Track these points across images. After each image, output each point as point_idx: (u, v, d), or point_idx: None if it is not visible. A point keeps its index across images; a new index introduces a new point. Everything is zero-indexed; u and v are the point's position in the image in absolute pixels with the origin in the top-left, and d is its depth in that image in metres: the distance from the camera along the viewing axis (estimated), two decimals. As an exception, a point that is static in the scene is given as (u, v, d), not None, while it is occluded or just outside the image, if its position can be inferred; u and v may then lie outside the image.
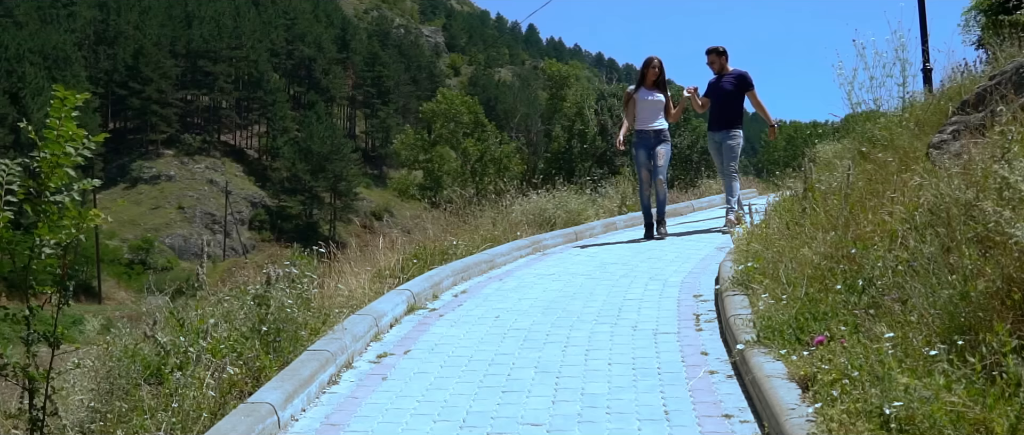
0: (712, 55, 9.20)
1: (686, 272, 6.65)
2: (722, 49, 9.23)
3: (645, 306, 5.55)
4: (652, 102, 8.74)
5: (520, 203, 9.46)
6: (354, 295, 5.87)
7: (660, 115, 8.75)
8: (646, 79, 8.79)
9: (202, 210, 76.68)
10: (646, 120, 8.69)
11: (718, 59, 9.17)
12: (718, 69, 9.15)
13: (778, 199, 8.07)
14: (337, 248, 9.31)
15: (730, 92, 8.99)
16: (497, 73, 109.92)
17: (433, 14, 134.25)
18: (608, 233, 9.62)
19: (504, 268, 7.39)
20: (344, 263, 7.43)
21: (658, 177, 8.54)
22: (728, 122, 9.02)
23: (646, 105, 8.72)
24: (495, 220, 8.96)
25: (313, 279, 5.28)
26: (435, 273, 6.48)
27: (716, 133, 9.16)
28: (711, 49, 9.26)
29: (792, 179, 8.51)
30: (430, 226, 8.44)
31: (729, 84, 9.01)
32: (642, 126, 8.70)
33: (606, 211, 10.65)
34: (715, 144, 9.22)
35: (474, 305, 5.84)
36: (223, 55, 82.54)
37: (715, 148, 9.24)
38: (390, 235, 9.26)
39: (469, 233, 8.48)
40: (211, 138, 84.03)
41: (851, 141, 8.43)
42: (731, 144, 8.98)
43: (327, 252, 7.42)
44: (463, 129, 53.95)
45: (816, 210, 6.12)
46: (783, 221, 6.46)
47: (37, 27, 77.49)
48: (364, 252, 8.24)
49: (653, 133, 8.65)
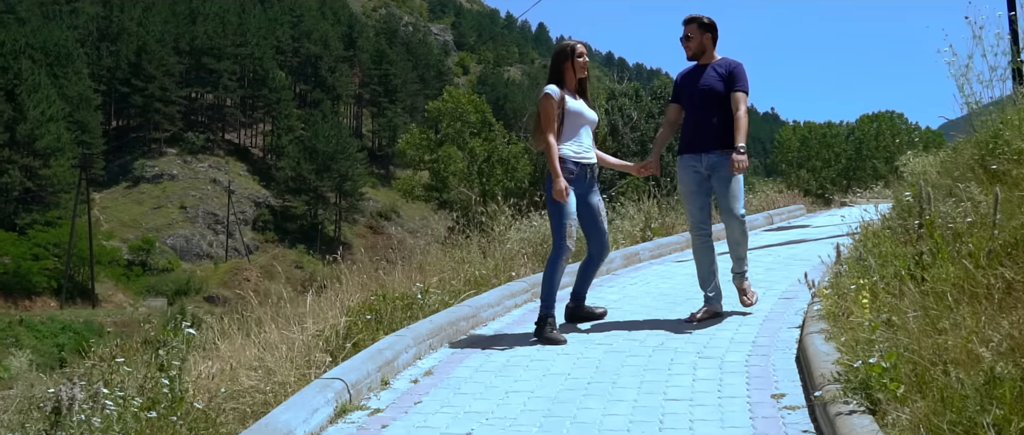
0: (691, 27, 5.35)
1: (749, 344, 4.67)
2: (708, 20, 5.38)
3: (699, 414, 3.58)
4: (588, 117, 5.26)
5: (518, 228, 7.44)
6: (259, 388, 3.94)
7: (591, 138, 5.33)
8: (566, 76, 5.21)
9: (205, 210, 75.03)
10: (579, 143, 5.18)
11: (699, 36, 5.34)
12: (697, 52, 5.36)
13: (858, 230, 6.08)
14: (342, 249, 8.08)
15: (715, 92, 5.23)
16: (506, 72, 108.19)
17: (442, 12, 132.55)
18: (630, 268, 7.61)
19: (491, 327, 5.43)
20: (273, 316, 5.53)
21: (606, 243, 5.38)
22: (716, 139, 5.20)
23: (582, 120, 5.20)
24: (486, 250, 6.98)
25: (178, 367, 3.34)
26: (389, 343, 4.54)
27: (695, 157, 5.29)
28: (691, 18, 5.39)
29: (859, 194, 6.56)
30: (399, 266, 6.44)
31: (714, 79, 5.25)
32: (576, 153, 5.16)
33: (626, 236, 8.61)
34: (695, 176, 5.31)
35: (438, 403, 3.90)
36: (228, 52, 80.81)
37: (694, 182, 5.32)
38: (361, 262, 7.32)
39: (452, 267, 6.53)
40: (215, 137, 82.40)
41: (954, 151, 6.45)
42: (725, 176, 5.18)
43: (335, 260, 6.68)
44: (470, 128, 52.01)
45: (947, 261, 4.14)
46: (890, 272, 4.48)
47: (39, 23, 75.96)
48: (323, 293, 6.28)
49: (590, 168, 5.24)
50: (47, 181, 61.38)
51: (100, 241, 62.07)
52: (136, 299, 60.06)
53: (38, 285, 55.14)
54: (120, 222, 70.72)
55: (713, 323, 5.22)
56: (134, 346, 5.39)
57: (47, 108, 60.58)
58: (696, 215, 5.36)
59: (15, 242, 55.43)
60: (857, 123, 63.93)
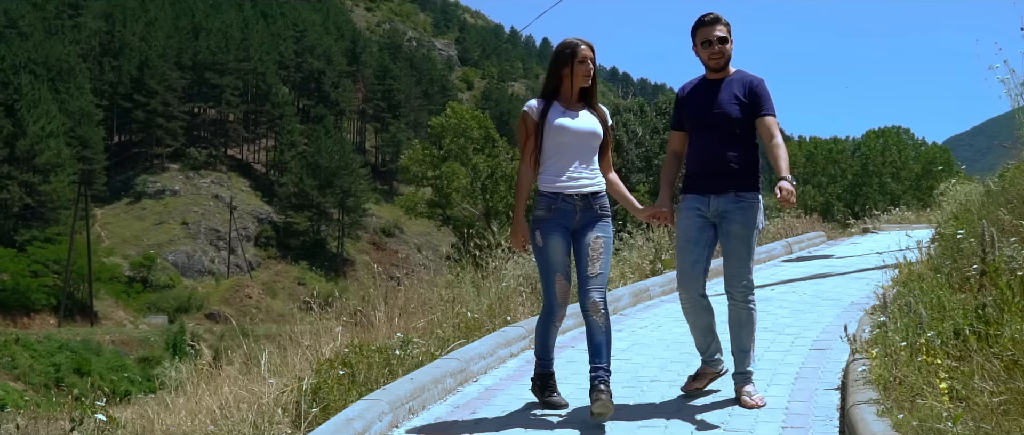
0: (704, 29, 4.12)
1: (781, 411, 3.99)
2: (727, 25, 4.14)
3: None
4: (580, 133, 4.08)
5: (516, 262, 6.76)
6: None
7: (593, 159, 4.14)
8: (563, 85, 4.11)
9: (206, 226, 74.53)
10: (564, 168, 4.06)
11: (718, 42, 4.10)
12: (712, 60, 4.13)
13: (892, 264, 5.41)
14: (344, 265, 7.33)
15: (731, 117, 4.07)
16: (510, 87, 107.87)
17: (446, 27, 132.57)
18: (639, 307, 6.92)
19: (483, 383, 4.76)
20: (245, 363, 4.89)
21: (592, 298, 3.95)
22: (731, 177, 4.07)
23: (568, 137, 4.07)
24: (479, 285, 6.32)
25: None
26: (360, 412, 3.86)
27: (701, 199, 4.13)
28: (708, 19, 4.13)
29: (877, 217, 5.86)
30: (381, 306, 5.76)
31: (731, 101, 4.09)
32: (558, 181, 4.05)
33: (635, 270, 7.92)
34: (697, 222, 4.14)
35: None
36: (230, 67, 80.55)
37: (695, 228, 4.14)
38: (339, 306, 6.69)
39: (442, 308, 5.87)
40: (217, 152, 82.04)
41: (1004, 180, 5.78)
42: (738, 229, 4.06)
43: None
44: (474, 144, 51.50)
45: (1017, 316, 3.48)
46: (949, 328, 3.80)
47: (42, 38, 75.77)
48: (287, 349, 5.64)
49: (581, 198, 4.05)
50: (47, 197, 60.97)
51: (100, 258, 61.55)
52: (136, 316, 59.50)
53: (37, 302, 54.66)
54: (121, 238, 70.26)
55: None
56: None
57: (47, 123, 60.25)
58: (688, 271, 4.12)
59: (14, 258, 54.97)
60: (863, 138, 63.39)
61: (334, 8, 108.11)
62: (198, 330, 50.55)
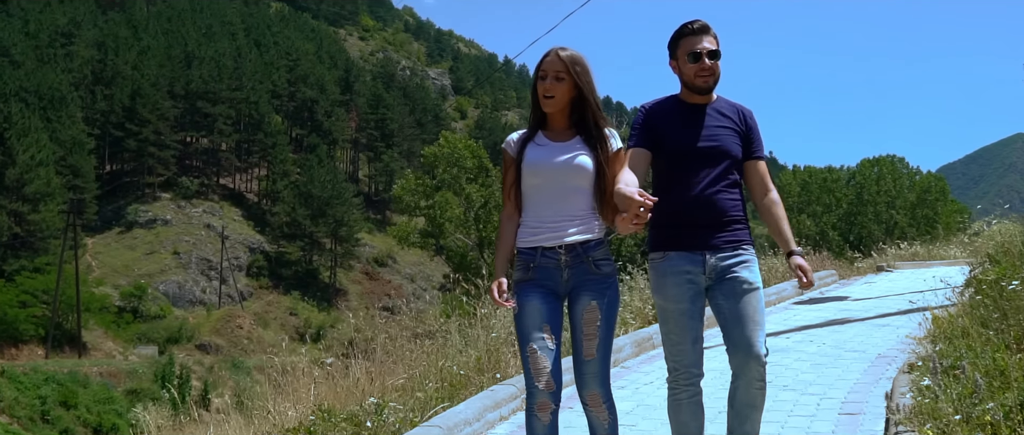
0: (691, 39, 3.22)
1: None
2: (716, 37, 3.25)
3: None
4: (555, 171, 3.19)
5: (507, 310, 6.18)
6: None
7: (583, 201, 3.20)
8: (540, 114, 3.29)
9: (198, 255, 73.88)
10: (542, 215, 3.20)
11: (709, 57, 3.20)
12: (699, 79, 3.22)
13: (923, 311, 4.85)
14: (336, 295, 6.74)
15: (727, 152, 3.24)
16: (504, 116, 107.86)
17: (440, 57, 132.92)
18: (642, 358, 6.33)
19: (468, 456, 4.17)
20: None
21: (590, 389, 3.18)
22: (731, 228, 3.22)
23: (539, 178, 3.20)
24: (467, 335, 5.74)
25: None
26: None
27: (692, 258, 3.19)
28: (696, 27, 3.23)
29: (887, 252, 5.33)
30: (358, 361, 5.18)
31: (726, 133, 3.25)
32: (536, 234, 3.19)
33: (635, 315, 7.30)
34: (689, 289, 3.18)
35: None
36: (223, 96, 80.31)
37: (687, 297, 3.19)
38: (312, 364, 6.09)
39: (425, 359, 5.30)
40: (209, 181, 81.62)
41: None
42: (748, 288, 3.19)
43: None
44: (467, 174, 51.13)
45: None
46: (1012, 399, 3.24)
47: (34, 66, 75.49)
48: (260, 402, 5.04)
49: (566, 251, 3.17)
50: (36, 226, 60.35)
51: (91, 287, 60.82)
52: (126, 347, 58.72)
53: (25, 333, 53.96)
54: (112, 268, 69.61)
55: None
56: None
57: (37, 152, 59.79)
58: (688, 353, 3.19)
59: (2, 288, 54.31)
60: (858, 167, 63.14)
61: (328, 37, 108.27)
62: (188, 362, 49.84)
